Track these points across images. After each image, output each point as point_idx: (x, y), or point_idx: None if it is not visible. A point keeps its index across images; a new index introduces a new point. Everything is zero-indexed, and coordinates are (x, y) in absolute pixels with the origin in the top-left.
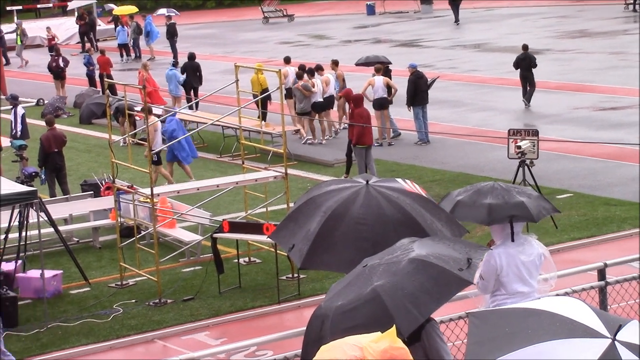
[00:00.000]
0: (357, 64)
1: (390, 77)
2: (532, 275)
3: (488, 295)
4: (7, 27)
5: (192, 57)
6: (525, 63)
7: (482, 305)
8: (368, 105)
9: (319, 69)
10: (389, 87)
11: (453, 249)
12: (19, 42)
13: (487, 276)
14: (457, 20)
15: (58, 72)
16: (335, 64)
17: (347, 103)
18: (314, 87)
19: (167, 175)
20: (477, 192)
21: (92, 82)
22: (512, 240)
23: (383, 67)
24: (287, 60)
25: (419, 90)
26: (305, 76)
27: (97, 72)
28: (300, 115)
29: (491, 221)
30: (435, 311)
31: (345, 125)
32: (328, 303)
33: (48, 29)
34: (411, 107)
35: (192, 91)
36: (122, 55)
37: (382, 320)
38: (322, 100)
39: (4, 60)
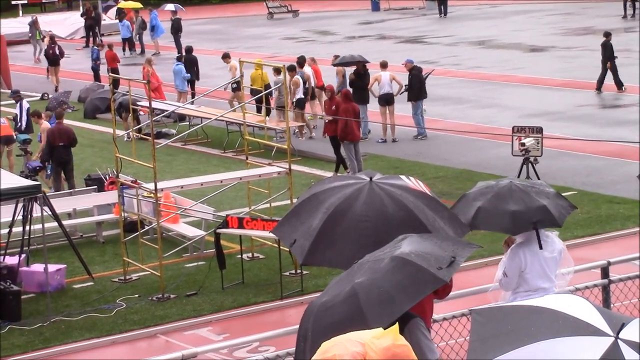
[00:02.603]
0: (334, 64)
1: (368, 76)
2: (552, 270)
3: (509, 293)
4: (7, 22)
5: (189, 50)
6: (606, 50)
7: (501, 301)
8: (373, 101)
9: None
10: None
11: (439, 247)
12: (38, 37)
13: (510, 273)
14: (442, 14)
15: (55, 60)
16: (336, 58)
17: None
18: (297, 83)
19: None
20: (496, 197)
21: (97, 76)
22: (540, 247)
23: (360, 65)
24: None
25: (421, 85)
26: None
27: (102, 67)
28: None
29: (517, 230)
30: (407, 309)
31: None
32: (317, 299)
33: (52, 38)
34: (412, 102)
35: (189, 85)
36: (124, 50)
37: (357, 318)
38: (302, 96)
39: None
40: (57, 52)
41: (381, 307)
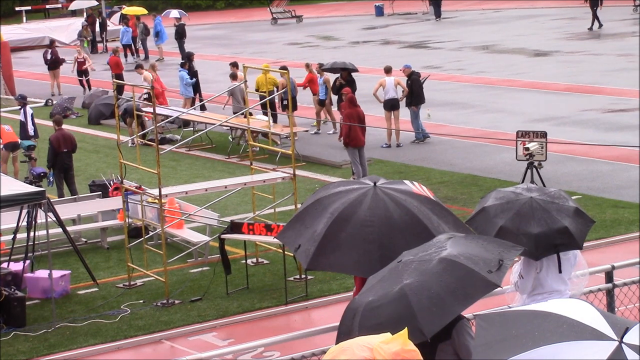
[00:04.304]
0: (323, 69)
1: (355, 85)
2: (567, 273)
3: (525, 295)
4: (11, 28)
5: (189, 56)
6: None
7: (516, 304)
8: (379, 106)
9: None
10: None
11: (485, 249)
12: (86, 45)
13: (527, 275)
14: (438, 17)
15: (49, 64)
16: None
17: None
18: (284, 86)
19: None
20: (518, 215)
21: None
22: (560, 271)
23: (344, 74)
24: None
25: (420, 90)
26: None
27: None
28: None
29: (539, 256)
30: (460, 313)
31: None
32: (361, 297)
33: (79, 51)
34: (413, 108)
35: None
36: (125, 56)
37: (407, 319)
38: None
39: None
40: (49, 57)
41: (432, 310)
